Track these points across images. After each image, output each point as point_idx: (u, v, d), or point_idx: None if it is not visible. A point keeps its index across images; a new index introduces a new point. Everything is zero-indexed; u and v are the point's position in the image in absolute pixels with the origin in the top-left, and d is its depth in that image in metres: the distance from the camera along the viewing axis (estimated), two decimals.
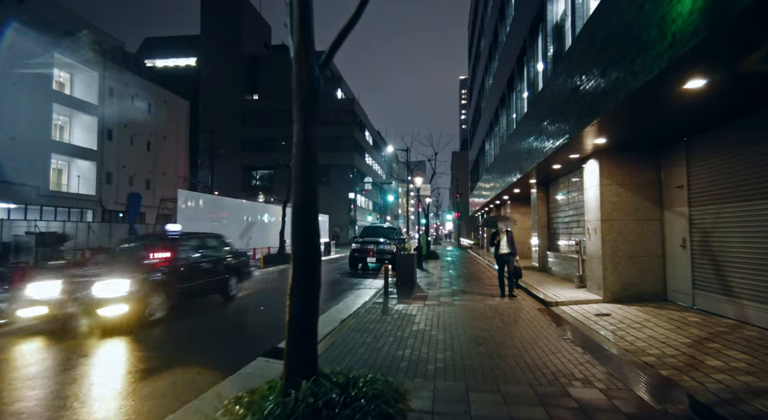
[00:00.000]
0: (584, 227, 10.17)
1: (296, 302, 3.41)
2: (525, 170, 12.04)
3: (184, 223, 16.83)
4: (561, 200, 12.63)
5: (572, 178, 11.58)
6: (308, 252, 3.43)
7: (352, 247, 17.80)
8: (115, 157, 32.32)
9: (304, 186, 3.44)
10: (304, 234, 3.42)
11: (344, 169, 51.89)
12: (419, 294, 10.45)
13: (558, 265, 12.41)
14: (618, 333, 6.07)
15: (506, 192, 17.43)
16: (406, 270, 12.05)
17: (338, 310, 8.79)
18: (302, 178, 3.48)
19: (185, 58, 59.89)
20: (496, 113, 18.44)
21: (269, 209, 25.18)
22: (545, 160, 9.80)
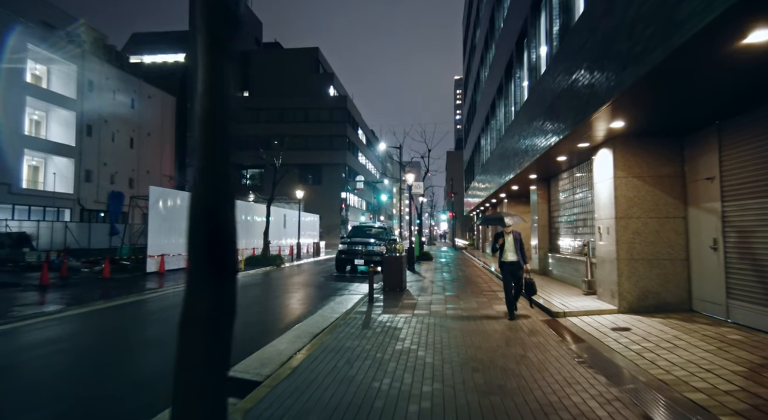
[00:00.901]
0: (593, 227, 9.07)
1: (189, 345, 2.18)
2: (524, 165, 10.94)
3: (158, 223, 15.60)
4: (564, 197, 11.54)
5: (577, 173, 10.49)
6: (215, 267, 2.20)
7: (338, 248, 16.65)
8: (95, 153, 30.93)
9: (210, 166, 2.13)
10: (208, 240, 2.19)
11: (337, 168, 50.69)
12: (408, 301, 9.31)
13: (560, 268, 11.32)
14: (646, 355, 4.95)
15: (503, 190, 16.34)
16: (394, 274, 10.91)
17: (313, 321, 7.63)
18: (211, 154, 2.10)
19: (174, 54, 58.40)
20: (492, 106, 17.34)
21: (254, 208, 23.96)
22: (548, 151, 8.69)
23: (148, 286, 12.00)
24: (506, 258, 7.12)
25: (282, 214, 29.09)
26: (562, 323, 6.92)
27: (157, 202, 15.57)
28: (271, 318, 8.17)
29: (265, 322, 7.80)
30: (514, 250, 7.07)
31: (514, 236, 7.14)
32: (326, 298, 10.37)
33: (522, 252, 7.09)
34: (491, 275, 14.77)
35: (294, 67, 53.63)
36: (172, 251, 16.19)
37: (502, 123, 15.43)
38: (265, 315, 8.48)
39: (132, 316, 8.45)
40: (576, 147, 8.12)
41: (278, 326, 7.24)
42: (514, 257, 7.07)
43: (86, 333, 7.12)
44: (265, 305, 9.64)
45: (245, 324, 7.55)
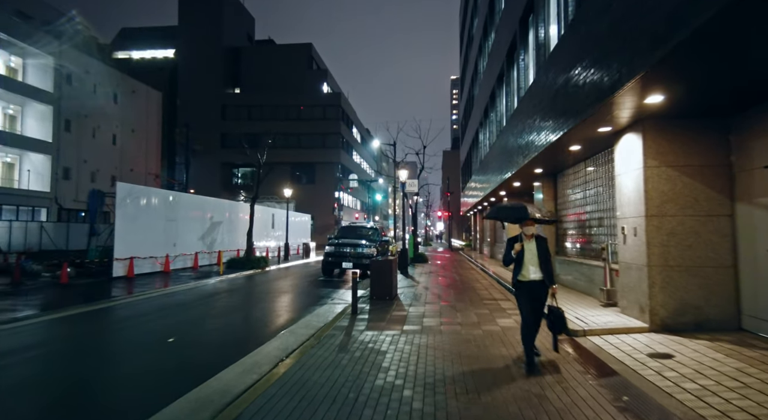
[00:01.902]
0: (613, 227, 7.82)
1: None
2: (529, 158, 9.69)
3: (127, 223, 14.24)
4: (574, 194, 10.28)
5: (588, 167, 9.24)
6: None
7: (325, 250, 15.34)
8: (75, 150, 29.47)
9: None
10: None
11: (330, 166, 49.36)
12: (397, 313, 8.02)
13: (569, 274, 10.06)
14: (711, 400, 3.68)
15: (503, 187, 15.10)
16: (382, 280, 9.62)
17: (282, 342, 6.32)
18: None
19: (163, 50, 56.95)
20: (492, 96, 16.09)
21: (239, 207, 22.61)
22: (560, 140, 7.44)
23: (109, 294, 10.65)
24: (526, 275, 4.73)
25: (270, 213, 27.75)
26: (583, 345, 5.66)
27: (125, 200, 14.21)
28: (233, 337, 6.85)
29: (225, 342, 6.49)
30: (537, 264, 4.70)
31: (537, 243, 4.78)
32: (305, 309, 9.07)
33: (548, 266, 4.73)
34: (491, 280, 13.51)
35: (287, 63, 52.26)
36: (143, 253, 14.82)
37: (503, 114, 14.17)
38: (228, 332, 7.17)
39: (53, 338, 7.11)
40: (595, 132, 6.86)
41: (238, 348, 5.94)
42: (537, 274, 4.70)
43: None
44: (232, 319, 8.32)
45: (199, 345, 6.25)
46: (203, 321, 7.92)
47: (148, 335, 6.89)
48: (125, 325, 7.75)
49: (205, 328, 7.40)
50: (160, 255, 15.77)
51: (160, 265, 15.71)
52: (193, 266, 17.64)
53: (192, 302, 9.79)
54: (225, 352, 5.77)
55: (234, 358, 5.40)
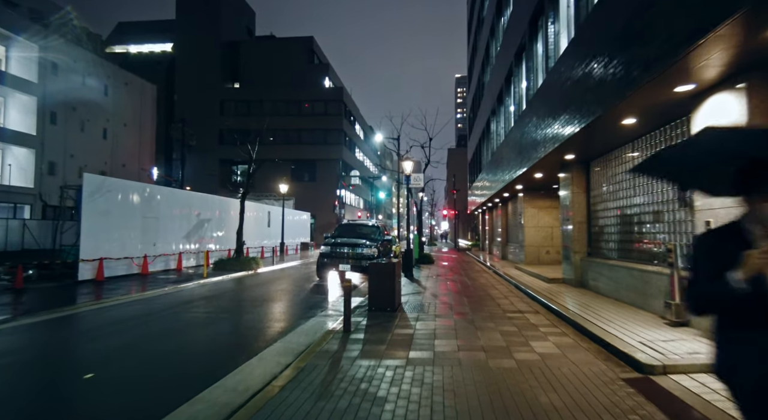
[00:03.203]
0: (679, 222, 6.08)
1: None
2: (560, 140, 7.98)
3: (95, 221, 12.62)
4: (616, 183, 8.55)
5: (632, 152, 7.51)
6: None
7: (320, 250, 13.68)
8: (61, 144, 27.95)
9: None
10: None
11: (332, 163, 47.68)
12: (401, 331, 6.33)
13: (610, 280, 8.33)
14: None
15: (520, 180, 13.38)
16: (383, 287, 7.93)
17: (245, 376, 4.64)
18: None
19: (161, 44, 55.50)
20: (507, 78, 14.36)
21: (231, 205, 20.98)
22: (613, 111, 5.72)
23: (61, 302, 9.01)
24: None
25: (266, 211, 26.16)
26: (664, 388, 3.95)
27: (94, 194, 12.59)
28: (178, 370, 5.15)
29: (164, 378, 4.81)
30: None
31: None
32: (289, 324, 7.39)
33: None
34: (507, 285, 11.79)
35: (287, 57, 50.63)
36: (116, 254, 13.21)
37: (522, 97, 12.45)
38: (174, 361, 5.49)
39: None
40: (668, 95, 5.13)
41: (179, 388, 4.28)
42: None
43: None
44: (190, 338, 6.65)
45: (126, 383, 4.51)
46: (151, 342, 6.24)
47: (68, 364, 5.23)
48: (41, 352, 6.10)
49: (148, 354, 5.72)
50: (137, 255, 14.16)
51: (137, 266, 14.10)
52: (177, 268, 16.02)
53: (155, 314, 8.13)
54: (157, 396, 4.11)
55: (174, 404, 3.74)
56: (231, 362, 5.05)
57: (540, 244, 15.61)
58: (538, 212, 15.68)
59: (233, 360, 5.15)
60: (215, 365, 4.99)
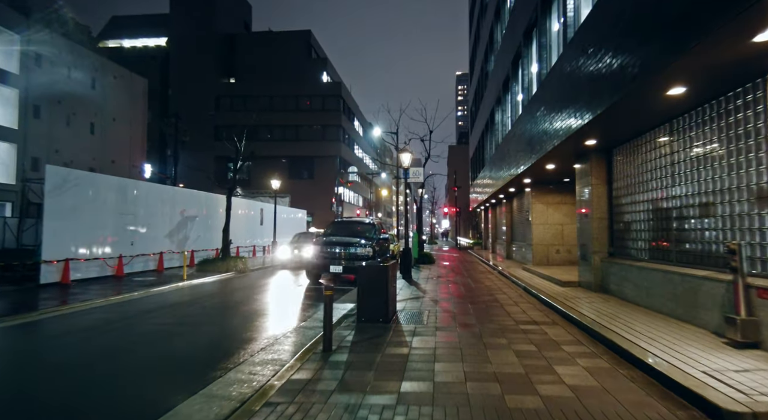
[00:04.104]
0: (742, 216, 4.88)
1: None
2: (582, 121, 6.79)
3: (60, 218, 11.42)
4: (648, 171, 7.34)
5: (663, 137, 6.31)
6: None
7: (310, 251, 12.49)
8: (45, 139, 26.78)
9: None
10: None
11: (331, 160, 46.46)
12: (393, 351, 5.14)
13: (640, 287, 7.13)
14: None
15: (529, 174, 12.18)
16: (374, 294, 6.74)
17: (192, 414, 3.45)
18: None
19: (156, 38, 54.23)
20: (515, 61, 13.13)
21: (220, 202, 19.76)
22: (658, 77, 4.53)
23: (5, 311, 7.84)
24: None
25: (258, 208, 25.00)
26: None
27: (59, 189, 11.40)
28: (108, 408, 3.99)
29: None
30: None
31: None
32: (261, 338, 6.21)
33: None
34: (516, 288, 10.60)
35: (284, 51, 49.40)
36: (85, 254, 12.04)
37: (533, 78, 11.24)
38: (110, 394, 4.30)
39: None
40: (742, 49, 3.92)
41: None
42: None
43: None
44: (139, 359, 5.45)
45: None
46: (81, 368, 5.04)
47: None
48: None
49: (67, 384, 4.54)
50: (111, 256, 12.98)
51: (111, 268, 12.93)
52: (158, 269, 14.85)
53: (107, 325, 6.93)
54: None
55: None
56: (167, 399, 3.86)
57: (549, 243, 14.41)
58: (546, 208, 14.48)
59: (173, 395, 3.96)
60: (144, 404, 3.80)
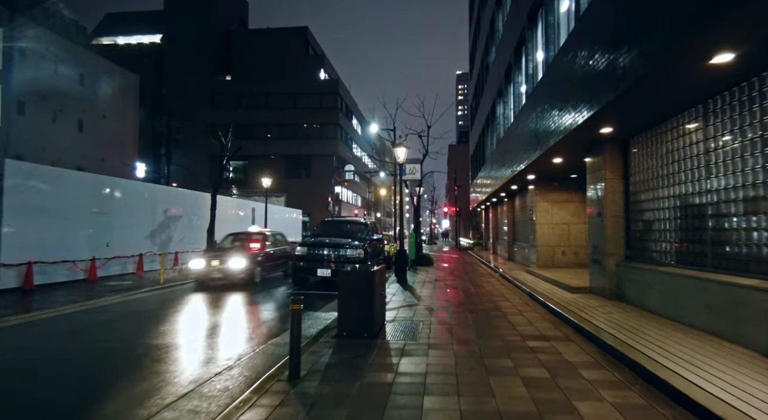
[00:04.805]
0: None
1: None
2: (600, 103, 5.84)
3: (22, 216, 10.48)
4: (673, 161, 6.39)
5: (702, 117, 5.36)
6: None
7: (296, 252, 11.55)
8: (29, 136, 25.83)
9: None
10: None
11: (328, 159, 45.53)
12: (376, 376, 4.19)
13: (666, 295, 6.18)
14: None
15: (533, 169, 11.24)
16: (357, 306, 5.80)
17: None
18: None
19: (150, 35, 53.28)
20: (519, 47, 12.17)
21: (207, 200, 18.79)
22: (722, 23, 3.59)
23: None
24: None
25: (249, 207, 24.06)
26: None
27: (22, 185, 10.45)
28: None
29: None
30: None
31: None
32: (224, 360, 5.26)
33: None
34: (521, 294, 9.64)
35: (281, 48, 48.46)
36: (52, 256, 11.09)
37: (538, 64, 10.29)
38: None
39: None
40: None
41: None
42: None
43: None
44: (63, 388, 4.50)
45: None
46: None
47: None
48: None
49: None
50: (83, 258, 12.05)
51: (83, 271, 11.99)
52: (137, 271, 13.92)
53: (30, 348, 5.99)
54: None
55: None
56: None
57: (555, 244, 13.45)
58: (551, 207, 13.53)
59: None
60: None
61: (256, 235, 12.81)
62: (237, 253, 11.20)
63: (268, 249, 12.39)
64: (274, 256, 12.67)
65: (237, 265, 10.87)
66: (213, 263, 10.94)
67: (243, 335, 6.44)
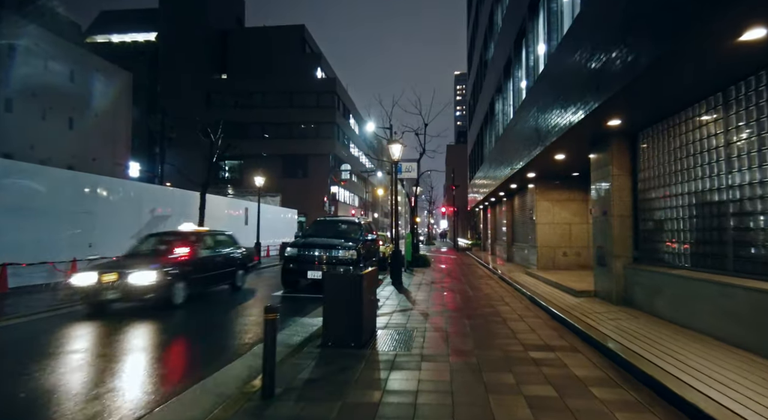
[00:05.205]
0: None
1: None
2: (610, 90, 5.36)
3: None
4: (687, 155, 5.90)
5: (721, 107, 4.89)
6: None
7: (286, 253, 11.04)
8: (17, 134, 25.27)
9: None
10: None
11: (325, 159, 45.02)
12: (361, 395, 3.68)
13: (681, 301, 5.69)
14: None
15: (533, 167, 10.77)
16: (344, 312, 5.31)
17: None
18: None
19: (146, 33, 52.73)
20: (518, 40, 11.69)
21: (197, 200, 18.26)
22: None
23: None
24: None
25: (243, 207, 23.52)
26: None
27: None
28: None
29: None
30: None
31: None
32: (189, 377, 4.75)
33: None
34: (521, 297, 9.15)
35: (277, 46, 47.92)
36: (28, 258, 10.55)
37: (539, 57, 9.81)
38: None
39: None
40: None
41: None
42: None
43: None
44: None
45: None
46: None
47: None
48: None
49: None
50: (63, 259, 11.51)
51: (63, 273, 11.45)
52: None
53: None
54: None
55: None
56: None
57: (556, 245, 12.97)
58: (552, 206, 13.05)
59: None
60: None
61: (185, 236, 9.53)
62: (144, 263, 7.85)
63: (201, 254, 9.20)
64: (213, 264, 9.57)
65: (142, 279, 7.47)
66: (106, 278, 7.42)
67: (220, 342, 5.91)
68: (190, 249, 8.98)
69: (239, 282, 10.66)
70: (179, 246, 8.98)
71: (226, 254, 10.34)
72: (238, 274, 10.60)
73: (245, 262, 11.14)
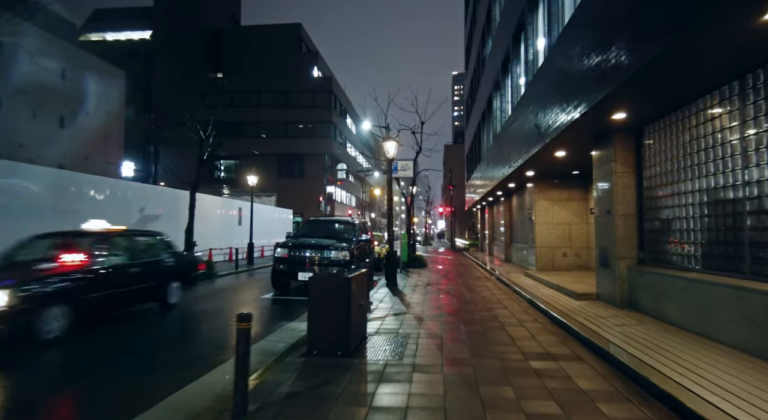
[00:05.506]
0: None
1: None
2: (617, 80, 5.00)
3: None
4: (697, 150, 5.55)
5: (736, 98, 4.53)
6: None
7: (276, 254, 10.65)
8: (7, 132, 24.80)
9: None
10: None
11: (321, 158, 44.62)
12: (345, 414, 3.31)
13: (691, 306, 5.34)
14: None
15: (532, 165, 10.41)
16: (330, 317, 4.92)
17: None
18: None
19: (140, 32, 52.22)
20: (517, 34, 11.34)
21: (183, 198, 17.82)
22: None
23: None
24: None
25: (236, 207, 23.10)
26: None
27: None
28: None
29: None
30: None
31: None
32: (147, 394, 4.36)
33: None
34: (520, 300, 8.78)
35: (273, 45, 47.51)
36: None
37: (538, 50, 9.45)
38: None
39: None
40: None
41: None
42: None
43: None
44: None
45: None
46: None
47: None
48: None
49: None
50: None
51: None
52: None
53: None
54: None
55: None
56: None
57: (555, 245, 12.62)
58: (552, 206, 12.70)
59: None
60: None
61: (79, 240, 6.95)
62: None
63: (106, 263, 6.77)
64: (126, 276, 7.15)
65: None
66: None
67: (195, 351, 5.53)
68: (85, 256, 6.49)
69: (172, 298, 8.19)
70: (67, 252, 6.47)
71: (151, 262, 7.85)
72: (171, 288, 8.16)
73: (182, 272, 8.71)
